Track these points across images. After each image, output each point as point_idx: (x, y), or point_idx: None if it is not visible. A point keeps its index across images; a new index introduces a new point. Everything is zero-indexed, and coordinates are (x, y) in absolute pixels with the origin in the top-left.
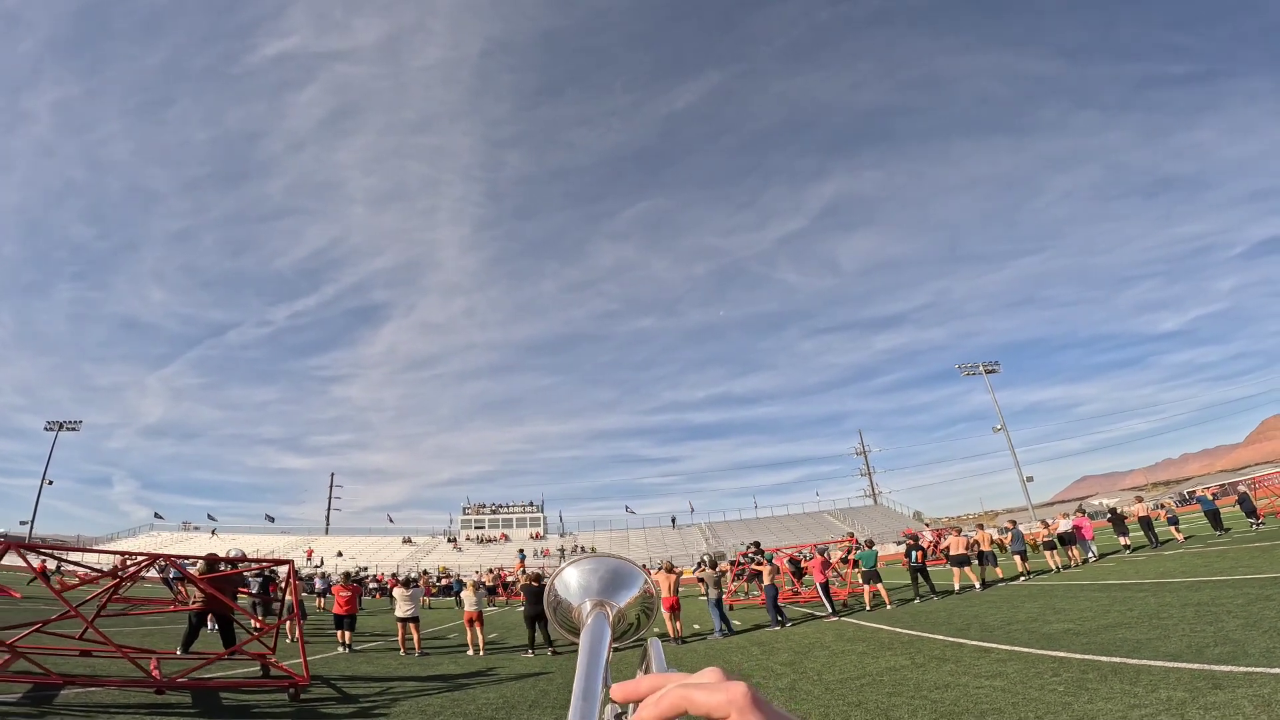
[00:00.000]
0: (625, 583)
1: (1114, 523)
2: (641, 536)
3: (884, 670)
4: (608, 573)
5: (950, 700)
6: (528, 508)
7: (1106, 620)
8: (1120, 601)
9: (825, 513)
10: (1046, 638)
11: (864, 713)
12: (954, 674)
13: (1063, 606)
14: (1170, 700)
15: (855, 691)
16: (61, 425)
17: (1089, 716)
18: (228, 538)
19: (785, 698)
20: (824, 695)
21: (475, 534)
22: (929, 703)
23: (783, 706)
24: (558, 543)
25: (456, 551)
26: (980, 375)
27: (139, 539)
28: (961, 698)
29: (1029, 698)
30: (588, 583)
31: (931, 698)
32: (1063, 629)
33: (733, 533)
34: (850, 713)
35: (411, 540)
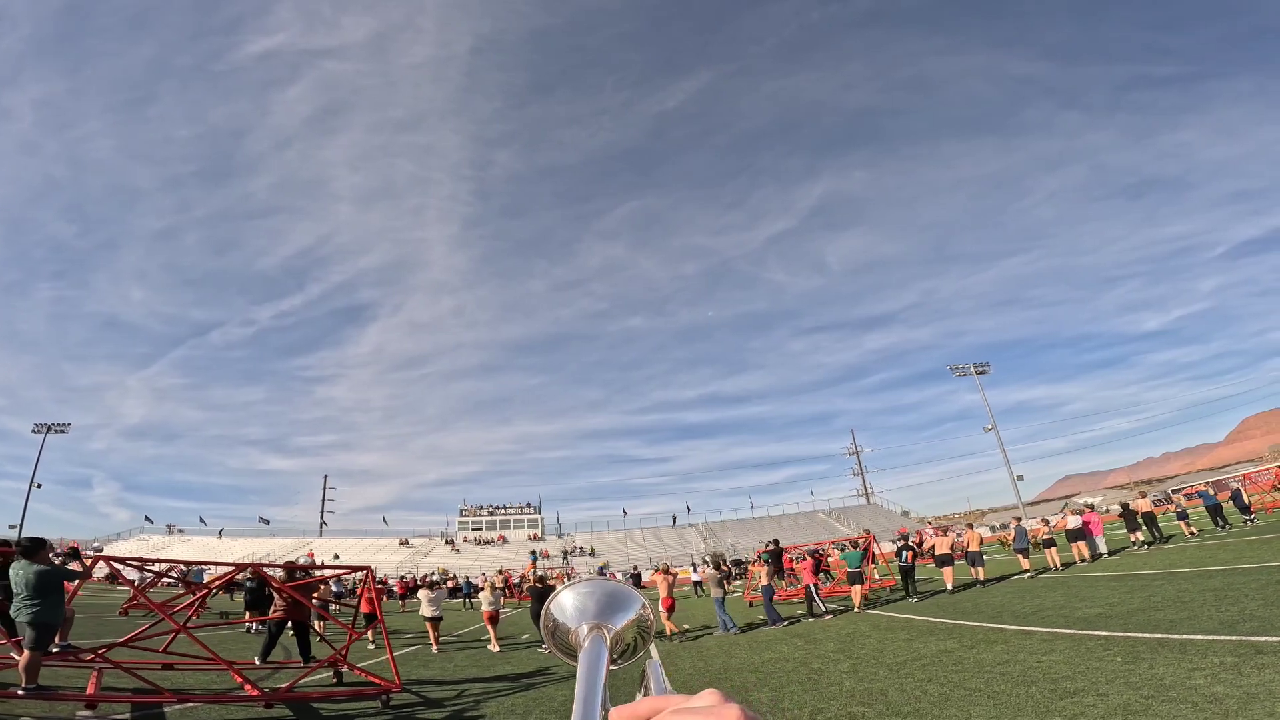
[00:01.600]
0: (622, 605)
1: (1125, 518)
2: (639, 537)
3: (937, 653)
4: (604, 596)
5: (1017, 673)
6: (525, 509)
7: (1133, 605)
8: (1139, 590)
9: (820, 512)
10: (1082, 620)
11: (938, 686)
12: (1008, 653)
13: (1085, 595)
14: (1223, 664)
15: (919, 670)
16: (49, 427)
17: (1155, 678)
18: (229, 541)
19: (852, 679)
20: (889, 675)
21: (473, 536)
22: (997, 676)
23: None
24: (556, 544)
25: (454, 553)
26: (971, 376)
27: (129, 543)
28: (1027, 670)
29: (1090, 668)
30: (584, 606)
31: (997, 672)
32: (1094, 613)
33: (730, 533)
34: (924, 688)
35: (409, 542)
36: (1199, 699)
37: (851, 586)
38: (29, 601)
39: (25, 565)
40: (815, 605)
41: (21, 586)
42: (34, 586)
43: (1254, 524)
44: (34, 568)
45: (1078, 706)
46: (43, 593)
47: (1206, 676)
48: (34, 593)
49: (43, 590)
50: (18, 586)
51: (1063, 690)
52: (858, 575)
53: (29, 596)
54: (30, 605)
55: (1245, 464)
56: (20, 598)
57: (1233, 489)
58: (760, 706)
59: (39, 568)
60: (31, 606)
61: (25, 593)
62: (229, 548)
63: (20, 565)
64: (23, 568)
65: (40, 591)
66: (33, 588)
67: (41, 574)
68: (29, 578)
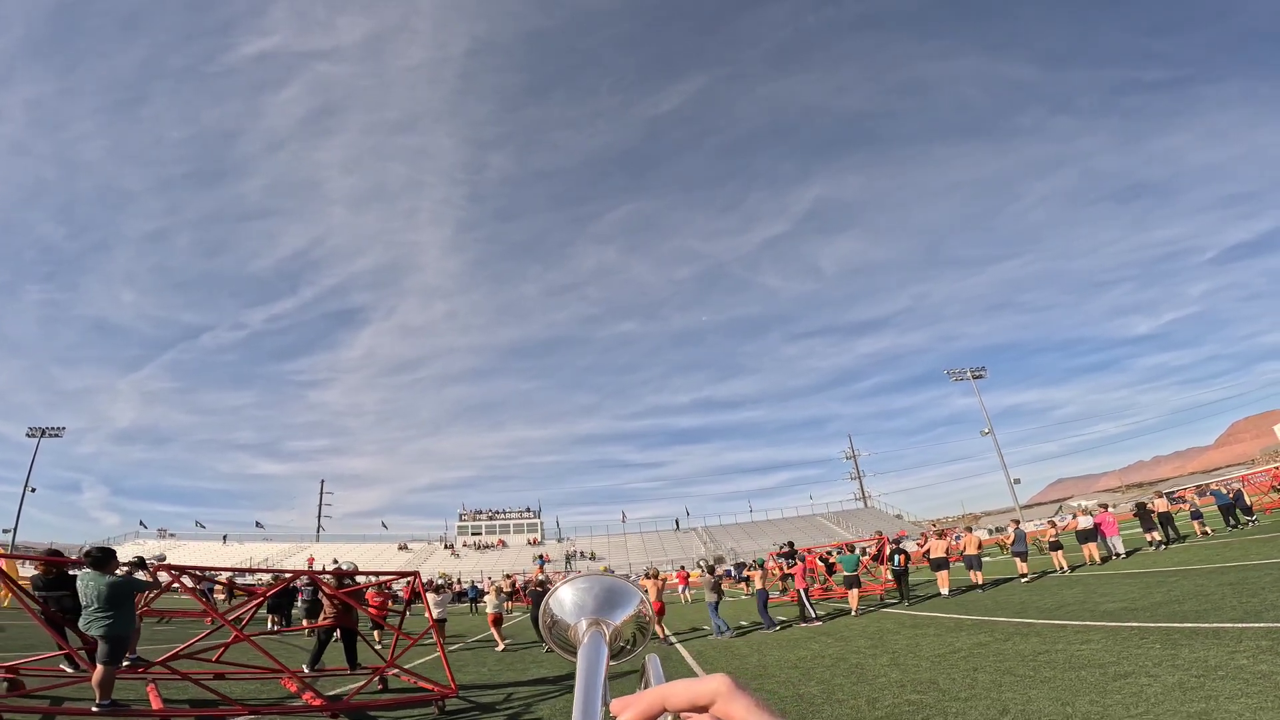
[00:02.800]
0: (621, 601)
1: (1140, 518)
2: (639, 541)
3: (973, 645)
4: (603, 591)
5: (1062, 660)
6: (525, 513)
7: (1154, 599)
8: (1156, 585)
9: (819, 516)
10: (1108, 614)
11: (986, 674)
12: (1044, 644)
13: (1104, 591)
14: (1259, 647)
15: (961, 661)
16: (44, 431)
17: (1198, 661)
18: (227, 546)
19: (896, 671)
20: (932, 666)
21: (473, 540)
22: (1042, 663)
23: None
24: (555, 549)
25: (454, 558)
26: (967, 380)
27: (123, 547)
28: (1070, 658)
29: (1132, 654)
30: (583, 601)
31: (1041, 660)
32: (1118, 607)
33: (730, 536)
34: (973, 676)
35: (408, 547)
36: (1248, 676)
37: (848, 590)
38: (101, 614)
39: (96, 576)
40: (807, 610)
41: (92, 599)
42: (106, 598)
43: (1256, 524)
44: (105, 579)
45: (1133, 687)
46: (115, 605)
47: (1248, 658)
48: (106, 605)
49: (115, 602)
50: (87, 599)
51: (1113, 674)
52: (854, 579)
53: (100, 609)
54: (103, 618)
55: (1236, 467)
56: (91, 610)
57: (1235, 490)
58: (812, 698)
59: (111, 579)
60: (104, 619)
61: (96, 605)
62: (227, 553)
63: (90, 576)
64: (93, 579)
65: (112, 603)
66: (105, 600)
67: (114, 585)
68: (100, 589)
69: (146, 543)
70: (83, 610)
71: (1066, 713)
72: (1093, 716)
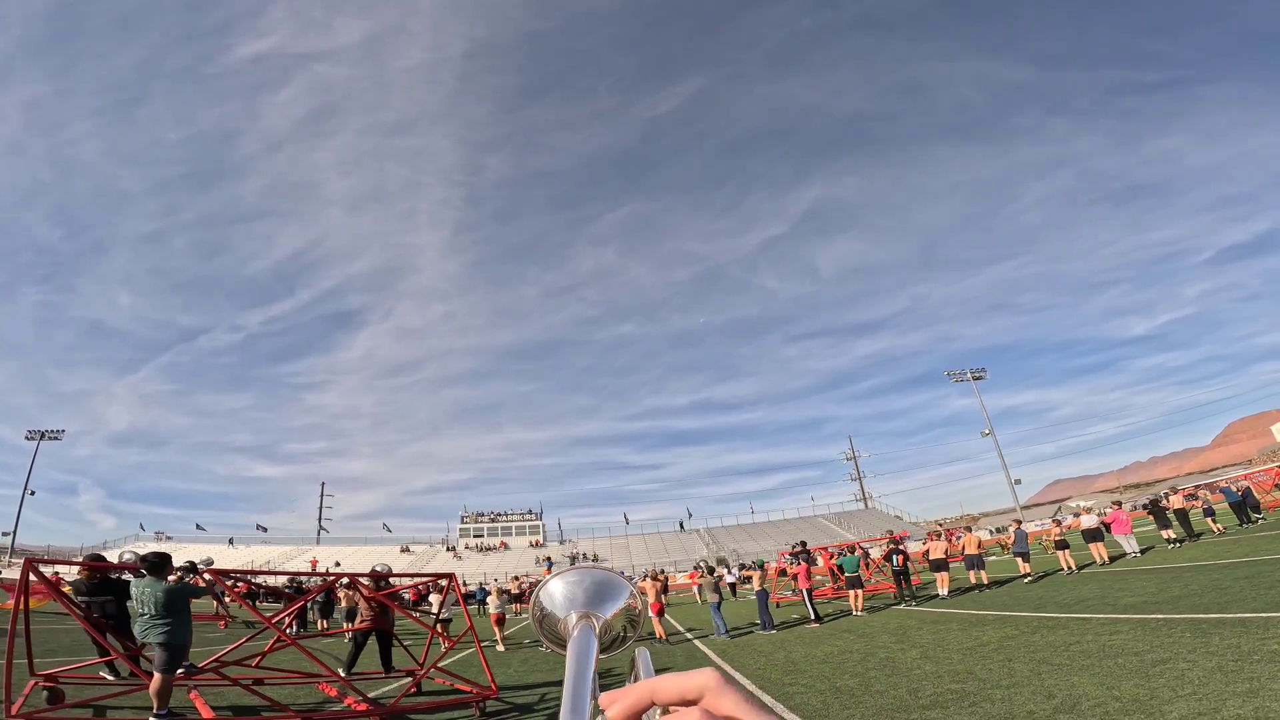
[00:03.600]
0: (611, 594)
1: (1155, 515)
2: (641, 542)
3: (1000, 638)
4: (593, 584)
5: (1095, 649)
6: (527, 515)
7: (1172, 594)
8: (1172, 581)
9: (820, 517)
10: (1131, 607)
11: (1023, 664)
12: (1073, 635)
13: (1120, 587)
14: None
15: (993, 653)
16: (43, 434)
17: (1231, 647)
18: (243, 549)
19: (930, 664)
20: (965, 659)
21: (475, 542)
22: (1076, 653)
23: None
24: (557, 550)
25: (456, 560)
26: (967, 381)
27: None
28: (1103, 647)
29: (1164, 643)
30: (573, 594)
31: (1074, 650)
32: (1139, 601)
33: (732, 538)
34: (1009, 666)
35: (410, 549)
36: None
37: (850, 591)
38: (159, 621)
39: (153, 583)
40: (810, 610)
41: (150, 606)
42: (164, 605)
43: (1263, 520)
44: (162, 585)
45: (1174, 671)
46: (173, 611)
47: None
48: (164, 612)
49: (173, 609)
50: (144, 606)
51: (1150, 661)
52: (856, 580)
53: (158, 616)
54: (160, 625)
55: (1233, 467)
56: (147, 617)
57: (1243, 488)
58: (851, 690)
59: (168, 585)
60: (162, 627)
61: (154, 612)
62: (234, 555)
63: (147, 583)
64: (150, 585)
65: (170, 610)
66: (162, 606)
67: (171, 592)
68: (158, 596)
69: (145, 545)
70: (138, 617)
71: (1113, 695)
72: (1141, 698)
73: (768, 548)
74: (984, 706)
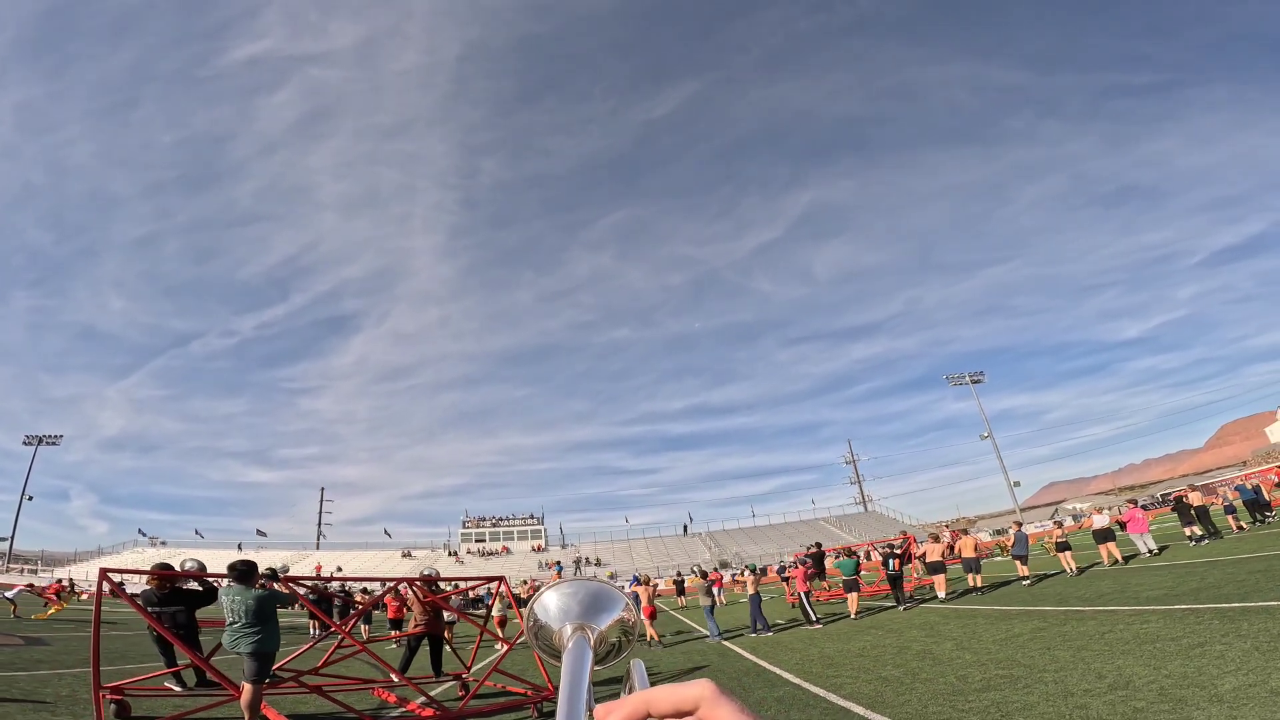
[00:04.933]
0: (605, 605)
1: (1179, 512)
2: (644, 546)
3: (1031, 630)
4: (588, 596)
5: (1130, 637)
6: (528, 520)
7: (1190, 586)
8: (1186, 575)
9: (821, 520)
10: (1153, 599)
11: (1064, 652)
12: (1103, 626)
13: (1136, 582)
14: None
15: (1029, 643)
16: (41, 439)
17: (1262, 630)
18: (251, 552)
19: (969, 654)
20: (1002, 649)
21: (476, 547)
22: (1114, 641)
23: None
24: (560, 555)
25: (458, 564)
26: (966, 384)
27: (123, 556)
28: (1137, 635)
29: (1195, 630)
30: (567, 606)
31: (1111, 638)
32: (1159, 594)
33: (734, 541)
34: (1051, 654)
35: (411, 554)
36: None
37: (848, 594)
38: (249, 630)
39: (242, 590)
40: (809, 613)
41: (240, 614)
42: (254, 613)
43: (1273, 518)
44: (253, 593)
45: (1213, 652)
46: (262, 619)
47: None
48: (254, 619)
49: (262, 617)
50: (235, 614)
51: (1186, 645)
52: (854, 583)
53: (249, 624)
54: (250, 633)
55: (1228, 469)
56: (237, 626)
57: (1255, 485)
58: (898, 679)
59: (258, 592)
60: (252, 635)
61: (244, 620)
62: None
63: (236, 590)
64: (239, 593)
65: (260, 618)
66: (253, 614)
67: (261, 599)
68: (248, 604)
69: (145, 551)
70: (228, 626)
71: (1162, 674)
72: (1189, 674)
73: (770, 551)
74: (1038, 687)
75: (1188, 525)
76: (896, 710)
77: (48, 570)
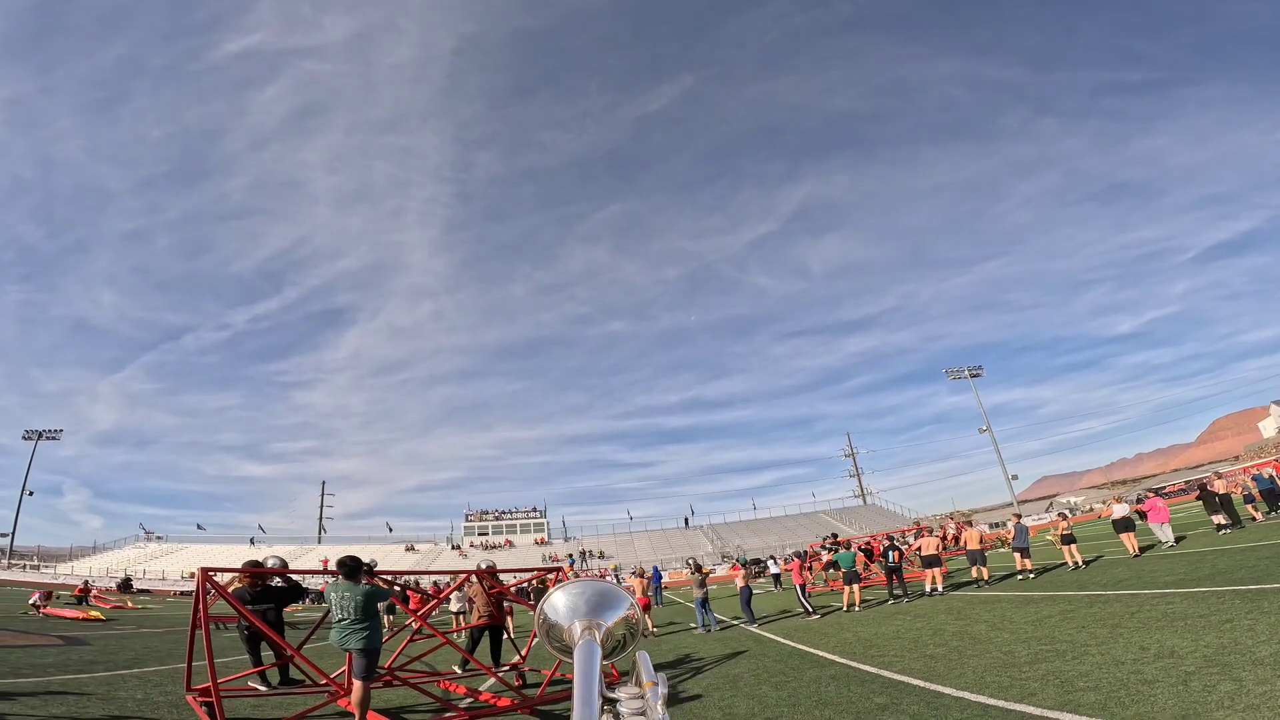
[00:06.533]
0: (611, 604)
1: (1204, 500)
2: (646, 539)
3: (1061, 612)
4: (594, 595)
5: (1159, 616)
6: (531, 513)
7: (1204, 572)
8: (1198, 562)
9: (821, 513)
10: (1172, 583)
11: (1101, 628)
12: (1130, 607)
13: (1150, 569)
14: None
15: (1064, 621)
16: (40, 434)
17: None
18: (264, 548)
19: (1005, 634)
20: (1037, 628)
21: (479, 540)
22: (1146, 618)
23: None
24: (563, 548)
25: (461, 558)
26: (964, 379)
27: (124, 551)
28: (1166, 614)
29: (1220, 608)
30: (575, 605)
31: (1141, 616)
32: (1176, 579)
33: (736, 534)
34: (1089, 630)
35: (414, 548)
36: None
37: (846, 586)
38: (359, 626)
39: (351, 587)
40: (804, 605)
41: (349, 610)
42: (362, 609)
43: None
44: (361, 589)
45: (1242, 626)
46: (370, 615)
47: None
48: (362, 616)
49: (370, 612)
50: (343, 611)
51: (1215, 621)
52: (853, 575)
53: (358, 620)
54: (360, 630)
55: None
56: (346, 623)
57: (1268, 476)
58: (944, 657)
59: (366, 588)
60: (362, 631)
61: (354, 616)
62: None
63: (344, 587)
64: (348, 589)
65: (368, 614)
66: (361, 610)
67: (369, 595)
68: (358, 600)
69: (148, 546)
70: (335, 623)
71: (1200, 644)
72: (1226, 645)
73: (771, 544)
74: (1087, 658)
75: (1213, 514)
76: (955, 681)
77: (49, 566)
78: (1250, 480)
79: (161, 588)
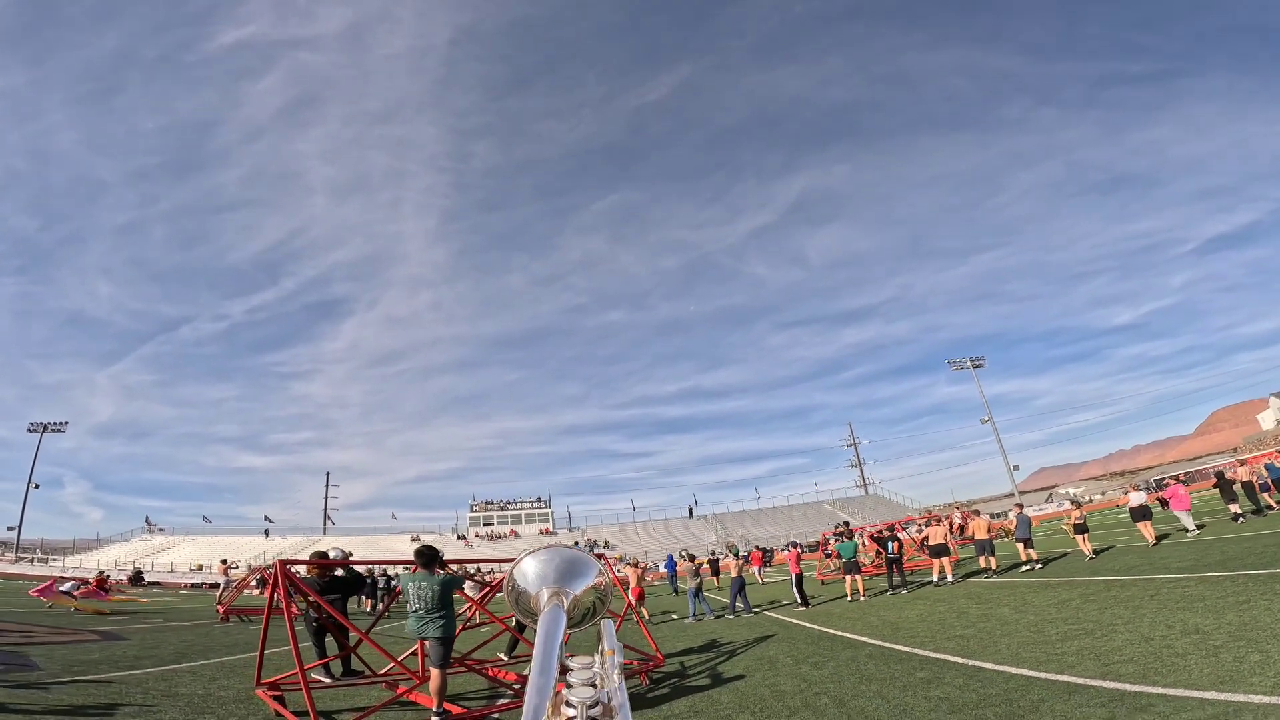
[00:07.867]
0: (580, 571)
1: (1221, 489)
2: (650, 529)
3: (1080, 597)
4: (563, 563)
5: (1178, 597)
6: (535, 503)
7: (1215, 558)
8: (1206, 550)
9: (824, 503)
10: (1185, 569)
11: (1123, 609)
12: (1148, 591)
13: (1160, 556)
14: None
15: (1086, 603)
16: (45, 426)
17: None
18: (278, 540)
19: (1029, 617)
20: (1060, 611)
21: (485, 530)
22: (1166, 598)
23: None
24: (568, 538)
25: (467, 548)
26: (967, 369)
27: (130, 544)
28: (1184, 595)
29: (1236, 590)
30: (544, 572)
31: (1161, 596)
32: (1187, 564)
33: (739, 524)
34: (1112, 610)
35: (419, 538)
36: None
37: (847, 576)
38: (436, 615)
39: (428, 577)
40: (801, 595)
41: (427, 600)
42: (439, 598)
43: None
44: (438, 579)
45: (1260, 605)
46: (446, 604)
47: None
48: (439, 605)
49: (445, 602)
50: (421, 600)
51: (1232, 602)
52: (854, 565)
53: (435, 609)
54: (437, 619)
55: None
56: (422, 612)
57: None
58: (975, 637)
59: (443, 577)
60: (439, 621)
61: (430, 606)
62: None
63: (422, 576)
64: (426, 579)
65: (444, 603)
66: (438, 599)
67: (446, 585)
68: (434, 590)
69: (155, 538)
70: (411, 613)
71: (1223, 622)
72: (1247, 622)
73: (775, 533)
74: (1116, 636)
75: (1230, 502)
76: (993, 657)
77: (57, 560)
78: (1263, 468)
79: (171, 580)
